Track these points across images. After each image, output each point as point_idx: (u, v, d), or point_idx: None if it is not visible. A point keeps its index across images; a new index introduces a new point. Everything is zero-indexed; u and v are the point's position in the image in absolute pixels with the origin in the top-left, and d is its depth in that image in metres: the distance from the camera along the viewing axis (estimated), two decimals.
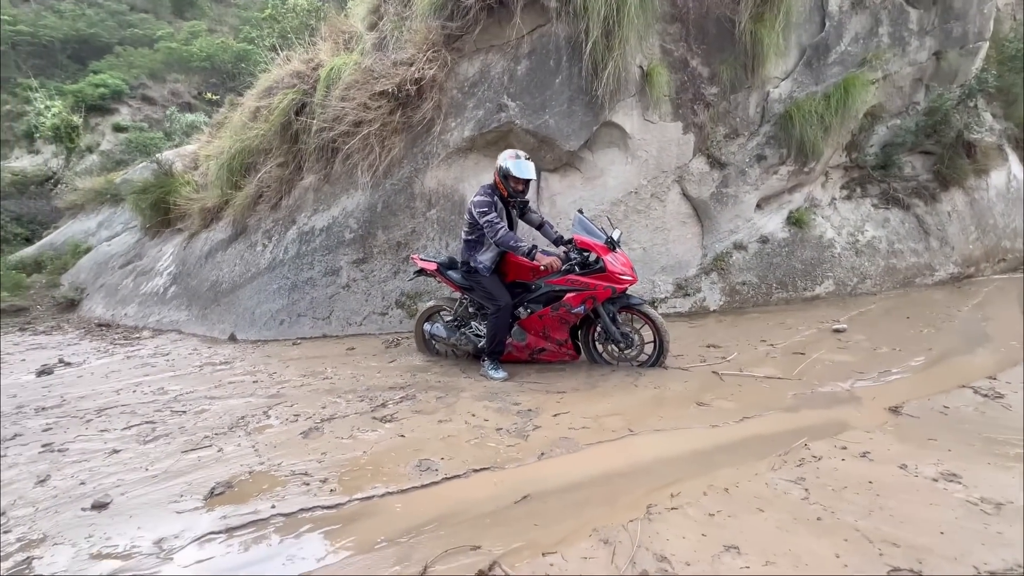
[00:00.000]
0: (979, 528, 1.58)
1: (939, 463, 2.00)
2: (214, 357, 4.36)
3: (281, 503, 1.87)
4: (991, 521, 1.62)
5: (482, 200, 3.33)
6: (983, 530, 1.57)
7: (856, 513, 1.68)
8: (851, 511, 1.70)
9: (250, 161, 5.76)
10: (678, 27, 4.89)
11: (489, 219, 3.28)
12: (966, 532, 1.56)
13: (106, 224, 9.20)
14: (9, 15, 18.54)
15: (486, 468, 2.10)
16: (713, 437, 2.36)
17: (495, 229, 3.26)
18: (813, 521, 1.65)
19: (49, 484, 2.11)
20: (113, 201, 9.33)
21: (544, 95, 4.69)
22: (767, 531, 1.60)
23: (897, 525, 1.61)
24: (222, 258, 5.72)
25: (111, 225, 9.02)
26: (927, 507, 1.70)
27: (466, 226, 3.50)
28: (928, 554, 1.46)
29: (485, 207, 3.31)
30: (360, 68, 4.86)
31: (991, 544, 1.50)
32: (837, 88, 5.29)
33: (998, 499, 1.73)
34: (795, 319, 4.61)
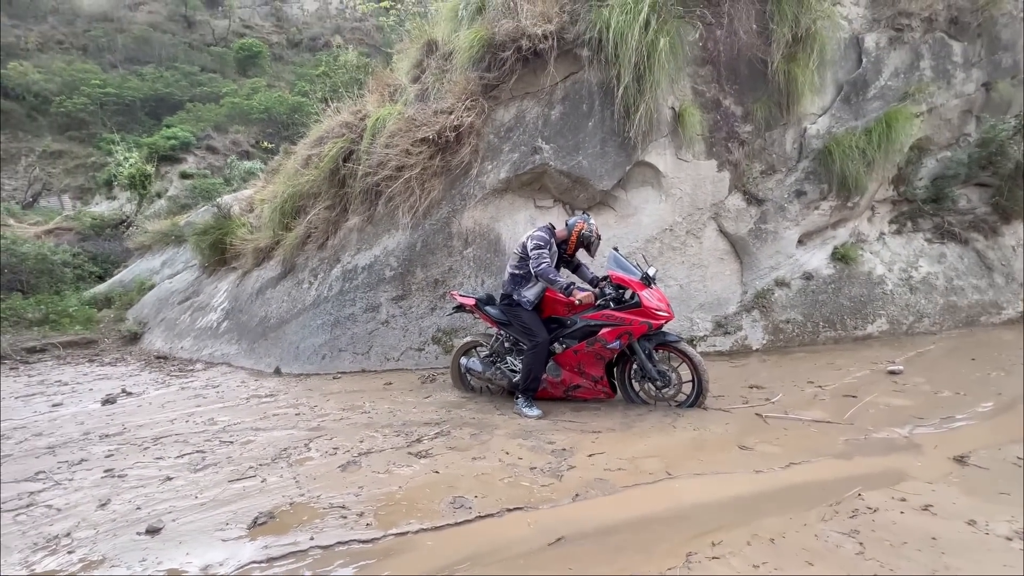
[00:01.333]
0: None
1: (1013, 519, 1.83)
2: (260, 390, 4.55)
3: (319, 535, 1.91)
4: None
5: (541, 236, 3.53)
6: None
7: (919, 572, 1.56)
8: (913, 570, 1.57)
9: (300, 204, 6.16)
10: (709, 69, 5.00)
11: (540, 252, 3.45)
12: None
13: (169, 263, 9.93)
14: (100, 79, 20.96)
15: (519, 508, 2.08)
16: (757, 483, 2.25)
17: (540, 261, 3.42)
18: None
19: (109, 508, 2.24)
20: (177, 242, 10.10)
21: (577, 137, 4.84)
22: None
23: None
24: (271, 295, 6.05)
25: (173, 264, 9.74)
26: (1000, 568, 1.55)
27: (516, 260, 3.64)
28: None
29: (542, 243, 3.49)
30: (403, 117, 5.20)
31: None
32: (879, 122, 5.20)
33: None
34: (845, 359, 4.38)
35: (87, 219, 14.06)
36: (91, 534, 2.01)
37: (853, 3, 5.36)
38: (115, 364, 6.47)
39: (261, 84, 23.70)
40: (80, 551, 1.88)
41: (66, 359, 6.82)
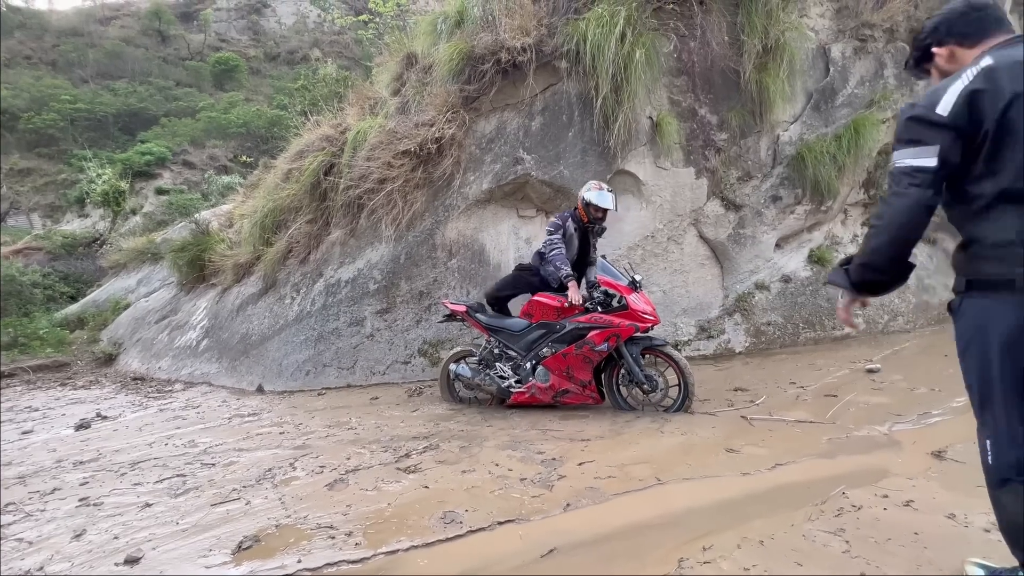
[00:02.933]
0: None
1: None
2: (242, 409, 4.45)
3: (307, 557, 1.87)
4: None
5: (554, 222, 3.88)
6: None
7: (903, 567, 1.59)
8: (898, 565, 1.60)
9: (281, 219, 6.09)
10: (684, 79, 5.12)
11: (552, 238, 3.79)
12: None
13: (145, 281, 9.69)
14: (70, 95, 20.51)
15: (511, 520, 2.06)
16: (745, 486, 2.28)
17: (551, 246, 3.76)
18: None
19: (85, 538, 2.16)
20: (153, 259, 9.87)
21: (558, 148, 4.90)
22: None
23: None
24: (252, 311, 5.94)
25: (150, 282, 9.50)
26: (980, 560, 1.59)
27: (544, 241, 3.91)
28: None
29: (554, 228, 3.83)
30: (384, 130, 5.20)
31: None
32: (847, 129, 5.39)
33: None
34: (825, 359, 4.48)
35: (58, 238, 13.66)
36: (65, 567, 1.93)
37: (819, 15, 5.57)
38: (89, 387, 6.27)
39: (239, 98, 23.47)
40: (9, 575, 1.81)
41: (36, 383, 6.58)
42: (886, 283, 1.50)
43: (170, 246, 8.42)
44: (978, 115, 1.29)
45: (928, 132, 1.34)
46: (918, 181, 1.35)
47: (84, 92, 21.85)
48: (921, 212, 1.36)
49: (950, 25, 1.45)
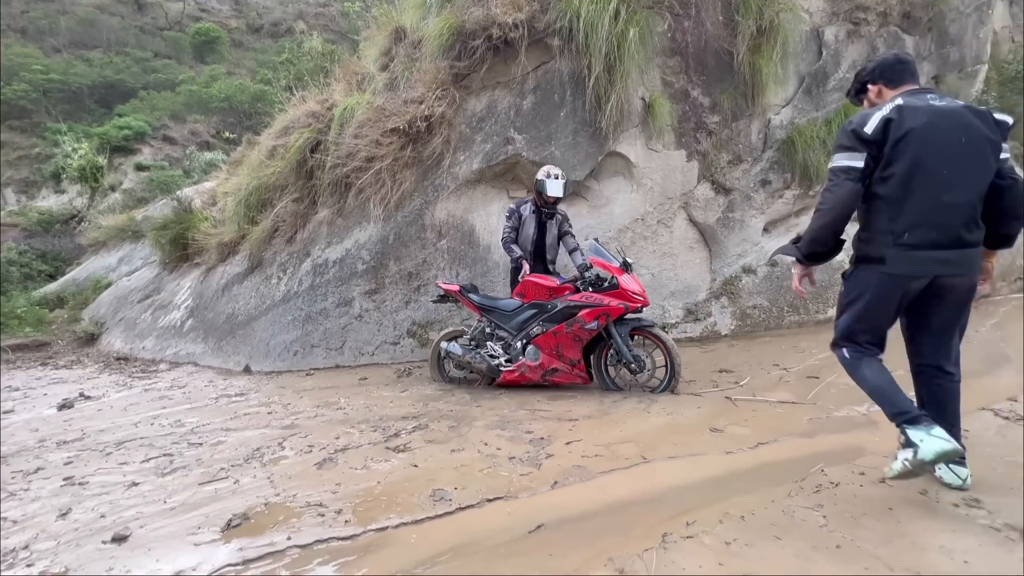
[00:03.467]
0: (1003, 556, 1.55)
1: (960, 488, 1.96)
2: (229, 389, 4.42)
3: (297, 534, 1.88)
4: (1015, 548, 1.58)
5: (510, 207, 4.20)
6: (1007, 558, 1.54)
7: (876, 541, 1.65)
8: (871, 539, 1.66)
9: (266, 197, 5.97)
10: (678, 60, 5.06)
11: (505, 224, 4.15)
12: (990, 560, 1.53)
13: (126, 260, 9.48)
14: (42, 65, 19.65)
15: (499, 498, 2.09)
16: (728, 464, 2.34)
17: (503, 234, 4.14)
18: (832, 549, 1.62)
19: (70, 517, 2.14)
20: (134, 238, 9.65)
21: (549, 128, 4.84)
22: (785, 559, 1.57)
23: (919, 553, 1.58)
24: (238, 291, 5.86)
25: (131, 261, 9.30)
26: (949, 534, 1.66)
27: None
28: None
29: (509, 213, 4.16)
30: (372, 107, 5.08)
31: (1015, 572, 1.47)
32: (838, 113, 5.40)
33: (1021, 525, 1.69)
34: (808, 342, 4.57)
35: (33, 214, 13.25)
36: (51, 545, 1.92)
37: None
38: (71, 367, 6.17)
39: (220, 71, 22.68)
40: (40, 563, 1.80)
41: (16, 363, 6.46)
42: (827, 254, 2.04)
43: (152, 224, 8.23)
44: (886, 136, 1.83)
45: (859, 143, 1.87)
46: (852, 177, 1.88)
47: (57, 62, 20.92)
48: (853, 198, 1.89)
49: (882, 71, 2.02)
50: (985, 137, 1.82)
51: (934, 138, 1.80)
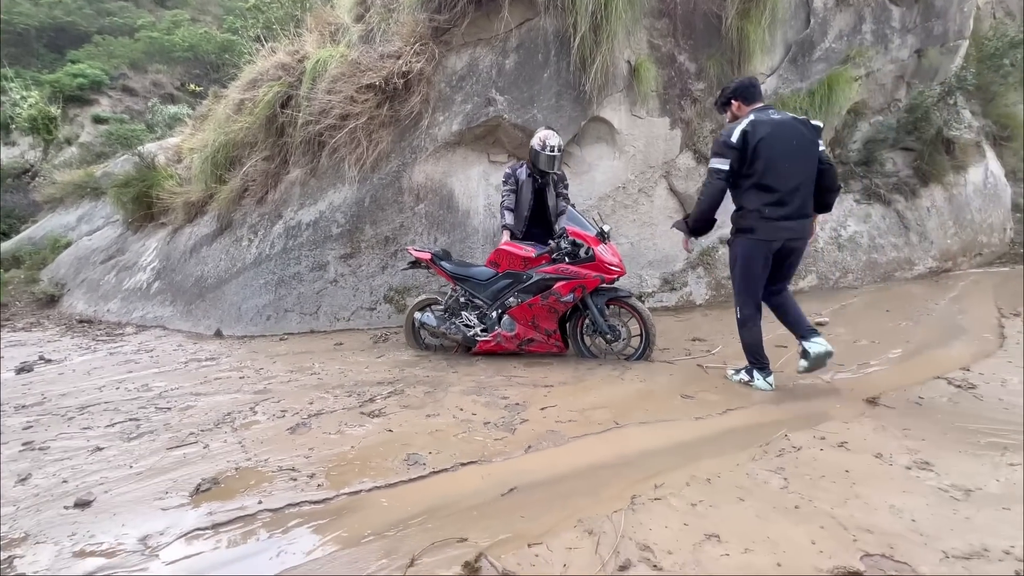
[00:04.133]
0: (948, 514, 1.64)
1: (913, 452, 2.06)
2: (200, 353, 4.32)
3: (268, 498, 1.87)
4: (960, 507, 1.68)
5: (506, 172, 4.02)
6: (952, 516, 1.63)
7: (832, 501, 1.73)
8: (827, 499, 1.74)
9: (235, 155, 5.69)
10: (666, 22, 4.91)
11: (503, 190, 3.98)
12: (936, 518, 1.62)
13: (86, 218, 9.02)
14: None
15: (473, 462, 2.11)
16: (697, 429, 2.40)
17: (502, 198, 3.99)
18: (791, 509, 1.69)
19: (30, 483, 2.08)
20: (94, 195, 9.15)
21: (532, 90, 4.69)
22: (747, 519, 1.64)
23: (871, 512, 1.66)
24: (207, 253, 5.65)
25: (92, 219, 8.85)
26: (900, 494, 1.75)
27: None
28: (899, 540, 1.51)
29: (505, 178, 4.00)
30: (347, 61, 4.82)
31: (959, 529, 1.56)
32: (821, 85, 5.37)
33: (967, 486, 1.79)
34: None
35: None
36: (11, 511, 1.87)
37: None
38: (29, 329, 5.93)
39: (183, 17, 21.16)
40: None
41: None
42: (704, 230, 2.97)
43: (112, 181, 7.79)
44: (746, 144, 2.64)
45: (727, 150, 2.69)
46: (720, 176, 2.73)
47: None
48: (721, 192, 2.78)
49: (742, 91, 2.80)
50: (809, 139, 2.66)
51: (776, 143, 2.62)
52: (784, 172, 2.64)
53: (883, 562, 1.43)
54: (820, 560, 1.44)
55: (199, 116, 8.70)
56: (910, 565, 1.41)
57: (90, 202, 9.26)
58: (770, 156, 2.61)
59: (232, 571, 1.52)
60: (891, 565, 1.41)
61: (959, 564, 1.41)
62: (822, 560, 1.44)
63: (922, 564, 1.41)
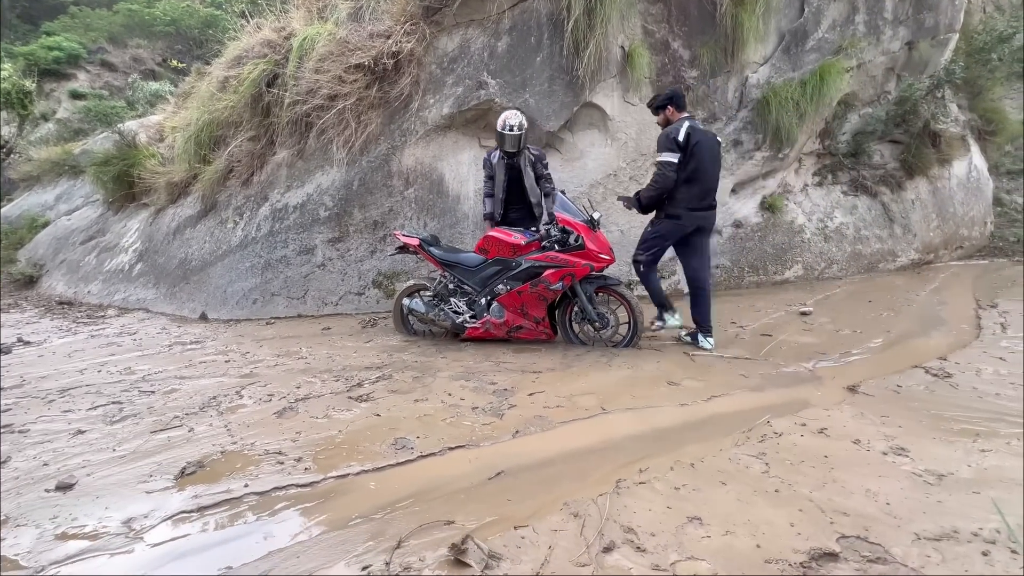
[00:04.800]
0: (922, 498, 1.69)
1: (889, 438, 2.12)
2: (184, 336, 4.26)
3: (254, 482, 1.87)
4: (933, 492, 1.73)
5: (484, 159, 4.12)
6: (925, 499, 1.69)
7: (811, 485, 1.78)
8: (806, 484, 1.79)
9: (219, 134, 5.55)
10: (660, 7, 4.86)
11: (484, 178, 4.11)
12: (910, 502, 1.67)
13: (65, 197, 8.78)
14: None
15: (461, 446, 2.13)
16: (682, 415, 2.44)
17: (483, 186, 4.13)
18: (771, 493, 1.73)
19: (10, 466, 2.05)
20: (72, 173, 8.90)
21: (525, 73, 4.62)
22: (728, 503, 1.68)
23: (848, 496, 1.71)
24: (191, 235, 5.54)
25: (71, 199, 8.61)
26: (876, 479, 1.81)
27: None
28: (874, 522, 1.56)
29: (483, 163, 4.11)
30: (335, 39, 4.70)
31: (932, 512, 1.61)
32: (813, 75, 5.36)
33: (941, 471, 1.85)
34: (765, 302, 4.75)
35: None
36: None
37: None
38: (8, 310, 5.79)
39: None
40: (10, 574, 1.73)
41: None
42: (652, 209, 3.60)
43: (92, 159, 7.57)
44: (687, 143, 3.30)
45: (675, 145, 3.32)
46: (672, 168, 3.34)
47: None
48: (671, 181, 3.36)
49: (676, 99, 3.48)
50: (719, 149, 3.48)
51: (705, 148, 3.33)
52: (708, 173, 3.38)
53: (858, 544, 1.47)
54: (798, 542, 1.48)
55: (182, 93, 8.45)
56: (883, 547, 1.46)
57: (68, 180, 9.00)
58: (701, 158, 3.32)
59: (218, 553, 1.52)
60: (866, 547, 1.46)
61: (930, 545, 1.46)
62: (800, 542, 1.48)
63: (895, 545, 1.46)
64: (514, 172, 3.98)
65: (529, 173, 3.99)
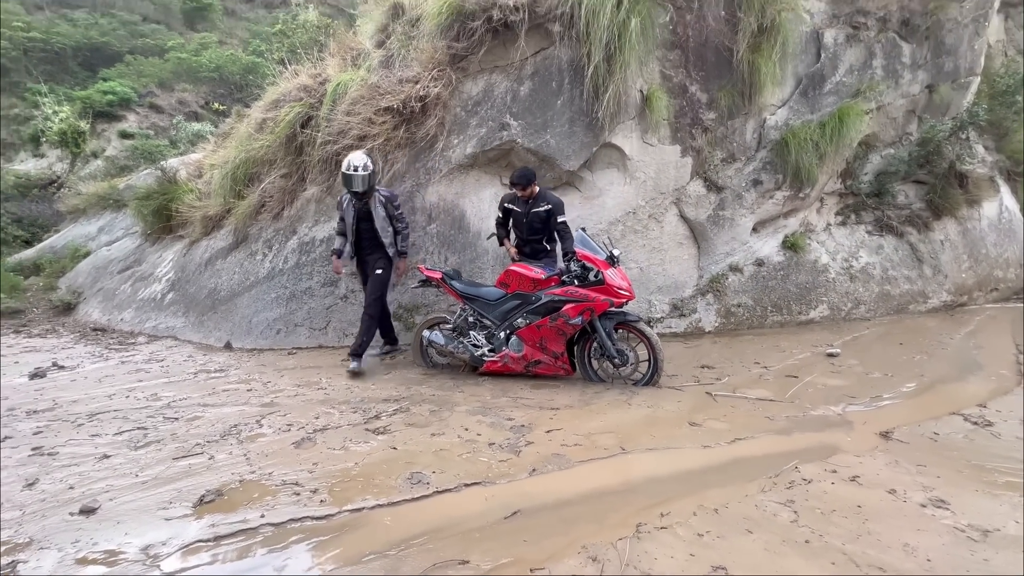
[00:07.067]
0: (966, 555, 1.59)
1: (928, 489, 2.01)
2: (209, 364, 4.36)
3: (271, 512, 1.87)
4: (978, 548, 1.62)
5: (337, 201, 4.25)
6: (969, 557, 1.58)
7: (844, 537, 1.69)
8: (839, 535, 1.70)
9: (254, 171, 5.83)
10: (678, 54, 5.03)
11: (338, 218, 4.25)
12: (953, 559, 1.57)
13: (107, 229, 9.24)
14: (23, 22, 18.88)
15: (477, 483, 2.10)
16: (704, 458, 2.36)
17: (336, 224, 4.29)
18: (801, 544, 1.65)
19: (37, 488, 2.10)
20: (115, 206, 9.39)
21: (546, 115, 4.79)
22: (755, 553, 1.60)
23: (884, 550, 1.61)
24: (221, 266, 5.75)
25: (112, 230, 9.06)
26: (915, 533, 1.71)
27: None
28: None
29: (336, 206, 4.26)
30: (366, 84, 4.97)
31: (977, 572, 1.51)
32: (832, 117, 5.41)
33: (985, 526, 1.74)
34: (789, 342, 4.64)
35: (10, 178, 12.82)
36: (16, 515, 1.88)
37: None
38: (45, 336, 6.03)
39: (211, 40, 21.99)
40: (4, 533, 1.76)
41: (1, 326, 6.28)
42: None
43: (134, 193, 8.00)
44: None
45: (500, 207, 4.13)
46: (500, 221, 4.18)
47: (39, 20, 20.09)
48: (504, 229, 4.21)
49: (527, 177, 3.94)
50: None
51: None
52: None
53: None
54: None
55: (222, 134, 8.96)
56: None
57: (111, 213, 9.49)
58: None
59: None
60: None
61: None
62: None
63: None
64: (363, 213, 4.03)
65: (379, 213, 4.05)
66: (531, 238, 4.16)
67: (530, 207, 4.04)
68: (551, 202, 4.09)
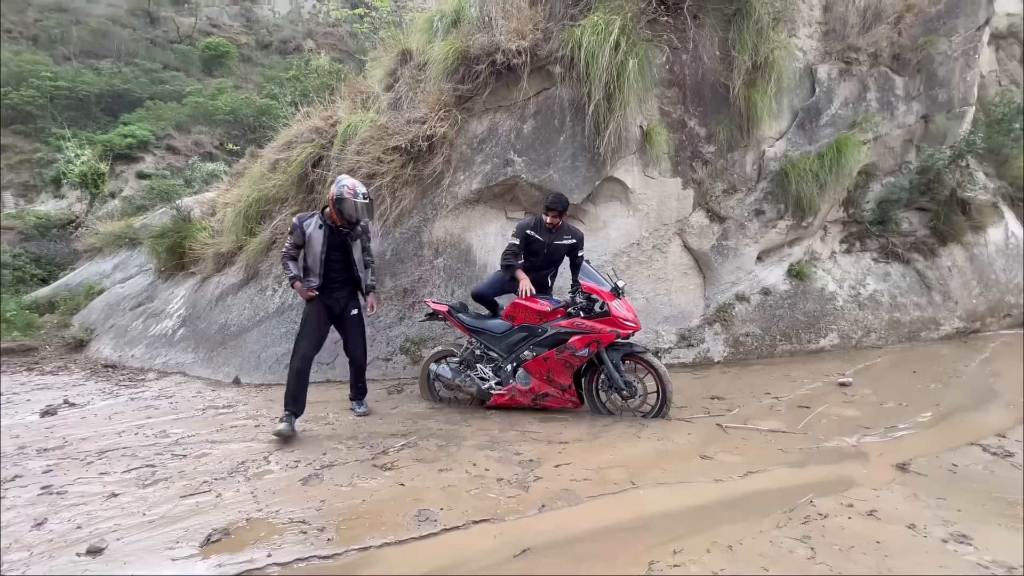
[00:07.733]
0: None
1: (948, 524, 1.95)
2: (217, 400, 4.37)
3: (277, 552, 1.85)
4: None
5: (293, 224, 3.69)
6: None
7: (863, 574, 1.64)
8: (859, 572, 1.65)
9: (266, 209, 6.00)
10: (675, 91, 5.20)
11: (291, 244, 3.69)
12: None
13: (121, 267, 9.44)
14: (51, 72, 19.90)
15: (486, 519, 2.06)
16: (717, 492, 2.32)
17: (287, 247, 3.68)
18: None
19: (46, 527, 2.10)
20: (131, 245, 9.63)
21: (549, 151, 4.93)
22: None
23: None
24: (232, 301, 5.84)
25: (126, 268, 9.26)
26: (937, 569, 1.65)
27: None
28: None
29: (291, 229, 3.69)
30: (375, 125, 5.16)
31: None
32: (830, 148, 5.52)
33: (1010, 563, 1.69)
34: (800, 372, 4.58)
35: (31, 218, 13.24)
36: (24, 556, 1.87)
37: (807, 36, 5.71)
38: (57, 373, 6.08)
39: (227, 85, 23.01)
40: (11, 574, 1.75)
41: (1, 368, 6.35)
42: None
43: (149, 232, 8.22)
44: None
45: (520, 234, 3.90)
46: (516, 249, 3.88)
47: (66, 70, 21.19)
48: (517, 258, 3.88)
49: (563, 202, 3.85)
50: None
51: None
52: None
53: None
54: None
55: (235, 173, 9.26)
56: None
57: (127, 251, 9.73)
58: None
59: None
60: None
61: None
62: None
63: None
64: (337, 242, 3.64)
65: (359, 245, 3.77)
66: (543, 270, 4.06)
67: (553, 237, 3.91)
68: (576, 236, 4.02)
